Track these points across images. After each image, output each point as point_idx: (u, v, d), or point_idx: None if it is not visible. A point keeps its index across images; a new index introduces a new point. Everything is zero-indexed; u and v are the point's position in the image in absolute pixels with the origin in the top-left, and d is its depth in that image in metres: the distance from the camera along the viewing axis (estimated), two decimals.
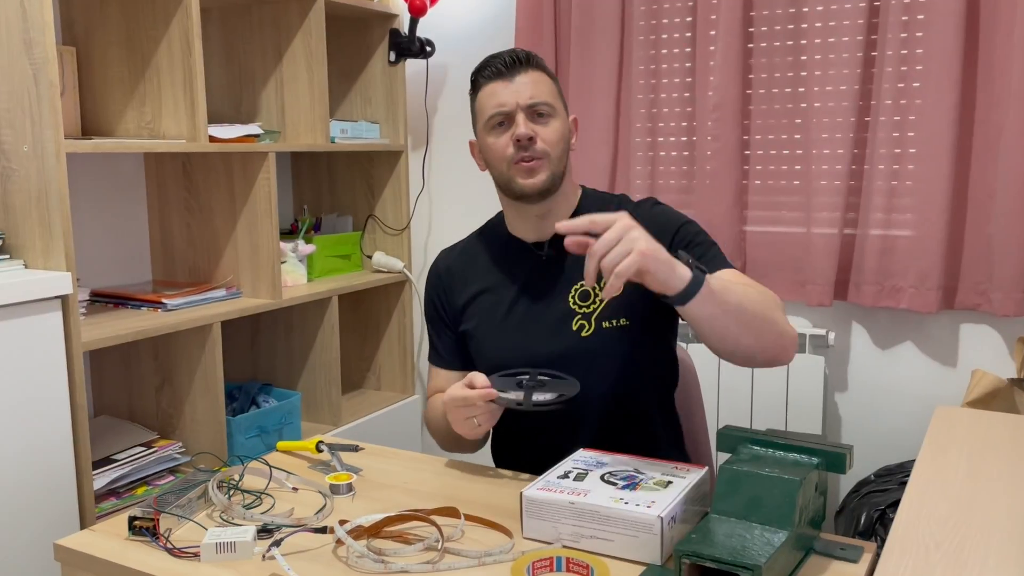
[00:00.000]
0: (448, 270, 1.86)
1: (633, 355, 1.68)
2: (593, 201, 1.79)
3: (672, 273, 1.36)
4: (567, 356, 1.68)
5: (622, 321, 1.68)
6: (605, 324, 1.68)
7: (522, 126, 1.66)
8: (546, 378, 1.61)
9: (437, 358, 1.89)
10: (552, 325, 1.70)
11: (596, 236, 1.35)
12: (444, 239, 3.32)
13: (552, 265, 1.74)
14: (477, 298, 1.80)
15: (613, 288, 1.31)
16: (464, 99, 3.25)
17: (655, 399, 1.76)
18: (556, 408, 1.52)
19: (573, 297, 1.71)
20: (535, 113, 1.68)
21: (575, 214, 1.75)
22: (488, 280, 1.80)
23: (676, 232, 1.69)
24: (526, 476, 1.63)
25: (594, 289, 1.70)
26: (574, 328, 1.69)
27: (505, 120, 1.69)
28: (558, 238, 1.73)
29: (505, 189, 1.73)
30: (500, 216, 1.87)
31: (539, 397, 1.54)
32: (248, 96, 2.88)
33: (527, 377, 1.61)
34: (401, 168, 3.18)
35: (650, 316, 1.69)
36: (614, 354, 1.68)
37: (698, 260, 1.56)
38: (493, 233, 1.86)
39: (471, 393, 1.54)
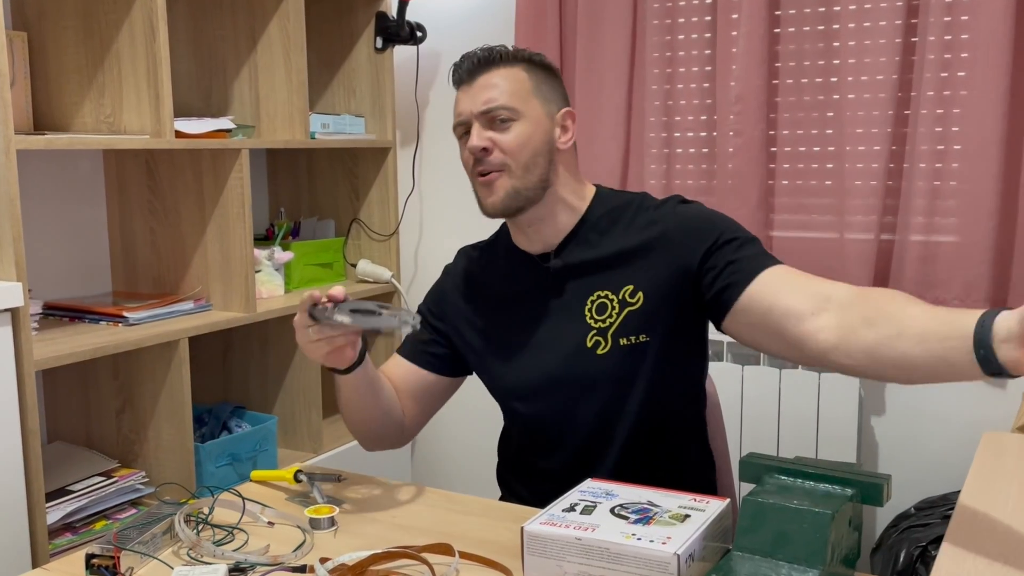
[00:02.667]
0: (465, 275, 1.87)
1: (655, 376, 1.68)
2: (607, 204, 1.77)
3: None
4: (582, 377, 1.68)
5: (642, 337, 1.68)
6: (623, 341, 1.67)
7: (474, 137, 1.66)
8: (386, 309, 1.53)
9: (408, 348, 1.87)
10: (565, 343, 1.70)
11: None
12: (436, 246, 3.33)
13: (561, 277, 1.74)
14: (483, 313, 1.81)
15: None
16: None
17: (681, 424, 1.76)
18: (392, 328, 1.47)
19: (590, 310, 1.70)
20: (492, 119, 1.66)
21: (583, 220, 1.74)
22: (496, 295, 1.81)
23: (714, 243, 1.64)
24: (528, 509, 1.63)
25: (611, 301, 1.70)
26: (588, 345, 1.69)
27: (467, 131, 1.70)
28: (565, 245, 1.74)
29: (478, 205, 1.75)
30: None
31: (345, 319, 1.49)
32: (219, 87, 2.89)
33: (382, 305, 1.54)
34: (389, 167, 3.19)
35: (674, 332, 1.69)
36: (633, 375, 1.68)
37: (751, 261, 1.60)
38: (501, 243, 1.86)
39: (300, 302, 1.53)
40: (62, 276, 2.62)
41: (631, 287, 1.68)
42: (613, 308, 1.69)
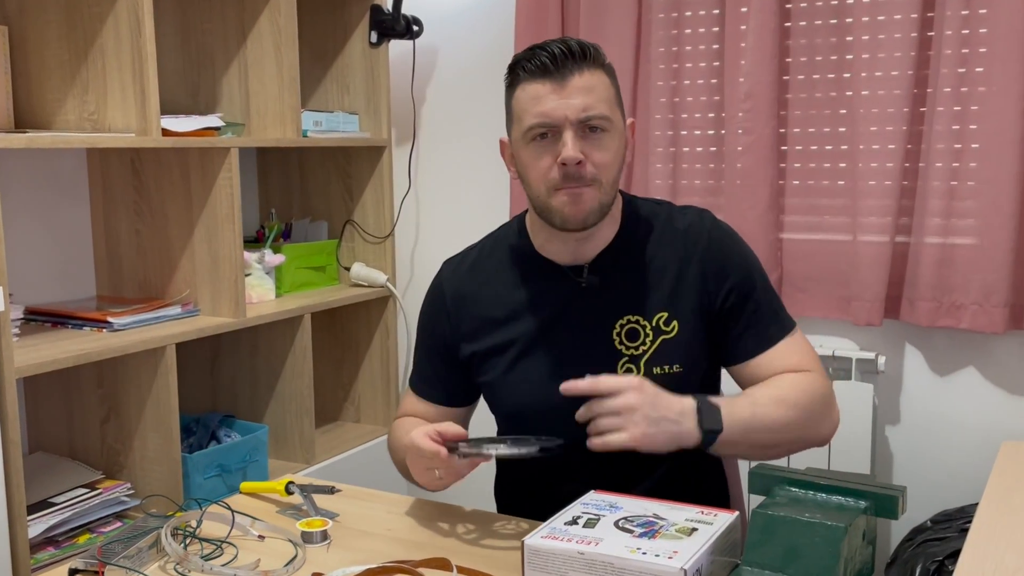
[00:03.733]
0: (456, 296, 1.81)
1: None
2: (640, 213, 1.75)
3: (677, 443, 1.52)
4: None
5: (675, 368, 1.67)
6: (656, 370, 1.66)
7: (570, 147, 1.58)
8: (531, 438, 1.58)
9: (418, 383, 1.87)
10: (593, 367, 1.61)
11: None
12: (433, 248, 3.33)
13: (593, 294, 1.71)
14: (494, 330, 1.76)
15: (594, 446, 1.50)
16: (457, 87, 3.27)
17: (706, 458, 1.76)
18: (530, 456, 1.52)
19: (619, 335, 1.68)
20: (587, 127, 1.60)
21: (621, 230, 1.73)
22: (509, 309, 1.75)
23: (734, 287, 1.69)
24: (529, 522, 1.63)
25: (644, 327, 1.68)
26: (620, 373, 1.66)
27: (549, 133, 1.60)
28: (599, 261, 1.71)
29: (541, 213, 1.67)
30: (518, 225, 1.82)
31: (511, 451, 1.53)
32: (207, 83, 2.89)
33: (514, 437, 1.57)
34: (384, 166, 3.19)
35: (707, 361, 1.72)
36: None
37: (759, 330, 1.68)
38: (513, 248, 1.80)
39: (427, 448, 1.52)
40: (44, 280, 2.62)
41: (665, 314, 1.68)
42: (647, 335, 1.68)
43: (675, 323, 1.67)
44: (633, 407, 1.47)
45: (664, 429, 1.49)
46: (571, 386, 1.51)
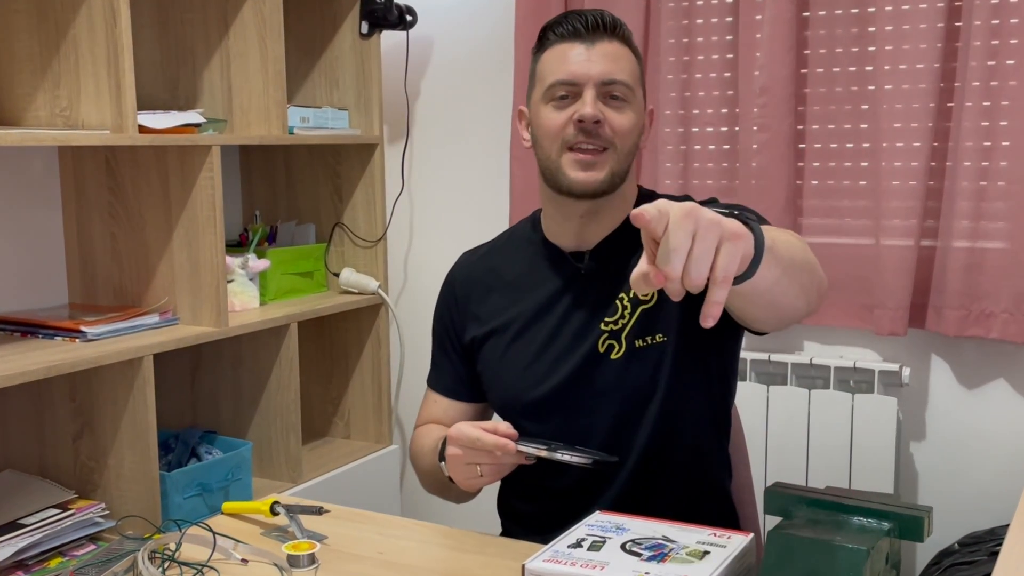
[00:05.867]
0: (467, 280, 1.90)
1: (673, 381, 1.69)
2: (652, 200, 1.77)
3: (748, 244, 1.23)
4: (594, 386, 1.69)
5: (658, 337, 1.70)
6: (638, 343, 1.69)
7: (589, 105, 1.65)
8: (581, 448, 1.61)
9: (438, 382, 1.93)
10: (576, 351, 1.72)
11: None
12: (428, 253, 3.33)
13: (590, 280, 1.76)
14: (494, 314, 1.83)
15: (717, 304, 1.15)
16: (454, 81, 3.27)
17: (704, 436, 1.77)
18: (583, 465, 1.53)
19: (607, 315, 1.72)
20: (609, 95, 1.68)
21: (627, 222, 1.75)
22: (511, 292, 1.82)
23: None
24: (530, 545, 1.63)
25: (622, 299, 1.71)
26: (601, 350, 1.70)
27: (569, 94, 1.68)
28: (601, 248, 1.75)
29: (549, 178, 1.73)
30: (533, 218, 1.89)
31: (567, 456, 1.55)
32: (187, 77, 2.90)
33: (557, 443, 1.61)
34: (375, 165, 3.19)
35: (693, 328, 1.69)
36: (651, 381, 1.69)
37: None
38: (525, 234, 1.88)
39: (487, 438, 1.54)
40: (13, 286, 2.62)
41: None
42: (625, 308, 1.71)
43: (653, 292, 1.69)
44: (694, 212, 1.13)
45: (736, 250, 1.16)
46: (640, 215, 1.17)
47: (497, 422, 1.60)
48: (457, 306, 1.89)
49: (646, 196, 1.81)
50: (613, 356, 1.69)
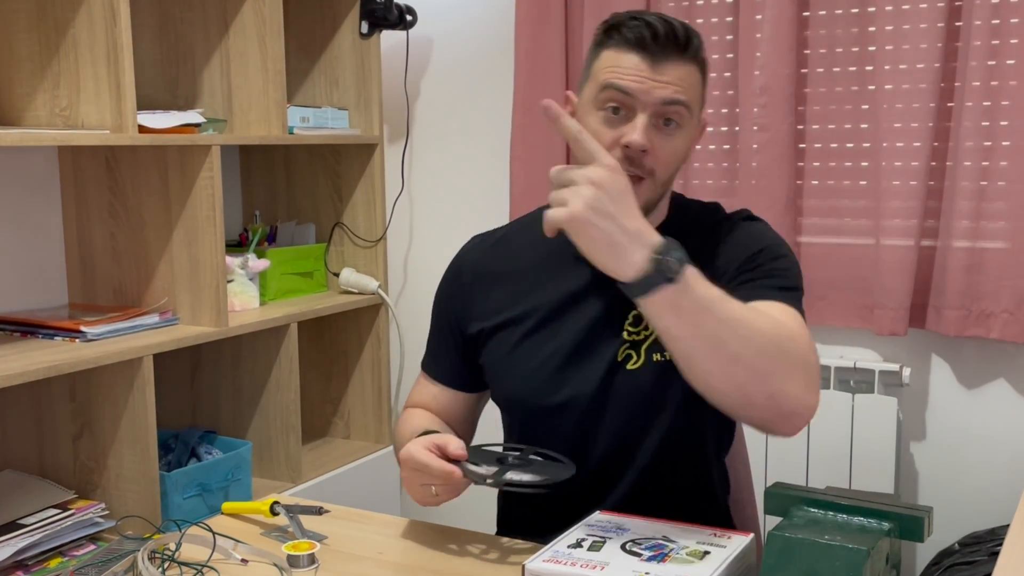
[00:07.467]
0: (477, 267, 1.83)
1: (684, 396, 1.64)
2: (685, 215, 1.76)
3: (614, 257, 1.37)
4: (608, 394, 1.68)
5: None
6: (656, 356, 1.66)
7: (638, 133, 1.57)
8: (538, 458, 1.61)
9: (431, 367, 1.90)
10: (595, 358, 1.68)
11: None
12: (428, 253, 3.33)
13: (609, 283, 1.72)
14: (505, 307, 1.77)
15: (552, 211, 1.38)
16: (454, 81, 3.27)
17: (712, 451, 1.77)
18: (531, 492, 1.53)
19: (630, 323, 1.69)
20: (663, 117, 1.60)
21: (663, 226, 1.71)
22: (525, 287, 1.77)
23: (750, 257, 1.66)
24: (530, 545, 1.63)
25: None
26: (619, 359, 1.67)
27: (622, 107, 1.60)
28: None
29: None
30: None
31: (516, 477, 1.54)
32: (186, 76, 2.90)
33: (517, 454, 1.60)
34: (375, 165, 3.19)
35: None
36: (663, 395, 1.67)
37: (753, 288, 1.57)
38: (540, 227, 1.82)
39: (434, 465, 1.53)
40: (12, 286, 2.62)
41: None
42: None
43: None
44: (593, 183, 1.35)
45: (606, 230, 1.35)
46: (552, 109, 1.40)
47: (448, 440, 1.56)
48: (463, 293, 1.83)
49: (680, 206, 1.77)
50: (629, 366, 1.67)
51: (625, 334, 1.68)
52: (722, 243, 1.69)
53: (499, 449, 1.66)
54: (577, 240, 1.38)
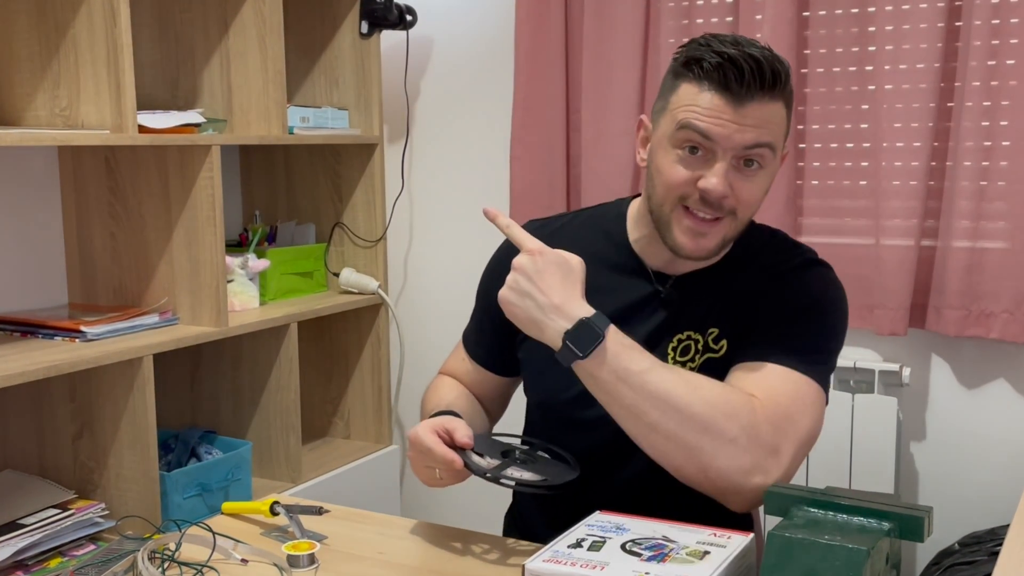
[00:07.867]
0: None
1: None
2: (752, 240, 1.71)
3: (537, 331, 1.51)
4: None
5: None
6: None
7: (719, 180, 1.52)
8: (545, 455, 1.60)
9: (471, 343, 1.91)
10: None
11: None
12: (428, 253, 3.33)
13: (667, 306, 1.69)
14: None
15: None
16: (454, 81, 3.27)
17: None
18: (530, 492, 1.53)
19: (675, 348, 1.67)
20: (745, 159, 1.54)
21: (725, 257, 1.70)
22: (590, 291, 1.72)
23: (791, 313, 1.63)
24: (531, 545, 1.63)
25: (696, 342, 1.67)
26: None
27: (700, 148, 1.53)
28: (688, 279, 1.69)
29: (655, 220, 1.63)
30: (616, 211, 1.78)
31: (517, 474, 1.54)
32: (186, 76, 2.90)
33: (526, 448, 1.60)
34: (375, 165, 3.19)
35: None
36: None
37: (768, 345, 1.57)
38: (606, 226, 1.77)
39: (435, 450, 1.53)
40: (12, 286, 2.62)
41: (716, 331, 1.67)
42: (696, 351, 1.67)
43: (724, 343, 1.66)
44: (514, 267, 1.51)
45: (525, 308, 1.50)
46: (491, 211, 1.57)
47: (457, 426, 1.56)
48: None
49: (744, 236, 1.67)
50: None
51: (669, 360, 1.66)
52: (773, 288, 1.67)
53: (513, 440, 1.66)
54: (507, 317, 1.53)
